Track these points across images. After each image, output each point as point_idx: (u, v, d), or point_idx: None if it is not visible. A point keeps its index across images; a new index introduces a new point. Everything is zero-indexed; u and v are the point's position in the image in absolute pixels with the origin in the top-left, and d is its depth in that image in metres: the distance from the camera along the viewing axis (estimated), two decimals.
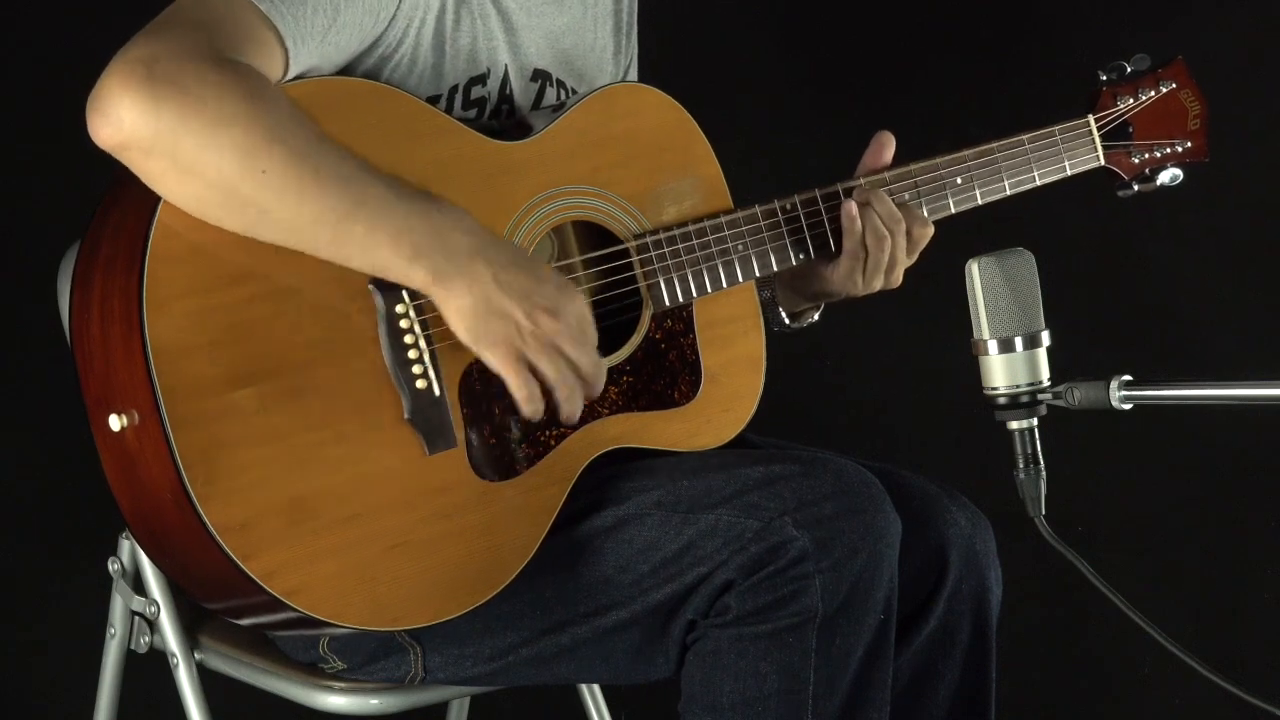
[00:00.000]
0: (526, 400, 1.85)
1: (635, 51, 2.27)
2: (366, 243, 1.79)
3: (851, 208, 2.08)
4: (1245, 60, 3.12)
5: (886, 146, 2.14)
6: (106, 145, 1.74)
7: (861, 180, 2.12)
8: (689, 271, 2.05)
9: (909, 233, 2.10)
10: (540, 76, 2.11)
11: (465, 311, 1.82)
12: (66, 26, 2.75)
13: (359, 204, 1.78)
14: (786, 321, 2.20)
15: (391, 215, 1.79)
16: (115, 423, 1.78)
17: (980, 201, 2.20)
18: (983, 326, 1.80)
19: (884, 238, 2.08)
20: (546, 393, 1.87)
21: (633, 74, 2.27)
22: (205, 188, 1.75)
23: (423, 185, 1.86)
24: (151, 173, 1.75)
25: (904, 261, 2.11)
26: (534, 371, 1.85)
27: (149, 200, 1.77)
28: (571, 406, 1.88)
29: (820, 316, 2.22)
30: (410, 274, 1.80)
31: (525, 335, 1.83)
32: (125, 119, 1.72)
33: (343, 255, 1.79)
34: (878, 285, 2.12)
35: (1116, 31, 3.12)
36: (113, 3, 1.98)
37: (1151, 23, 3.09)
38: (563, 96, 2.13)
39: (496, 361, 1.84)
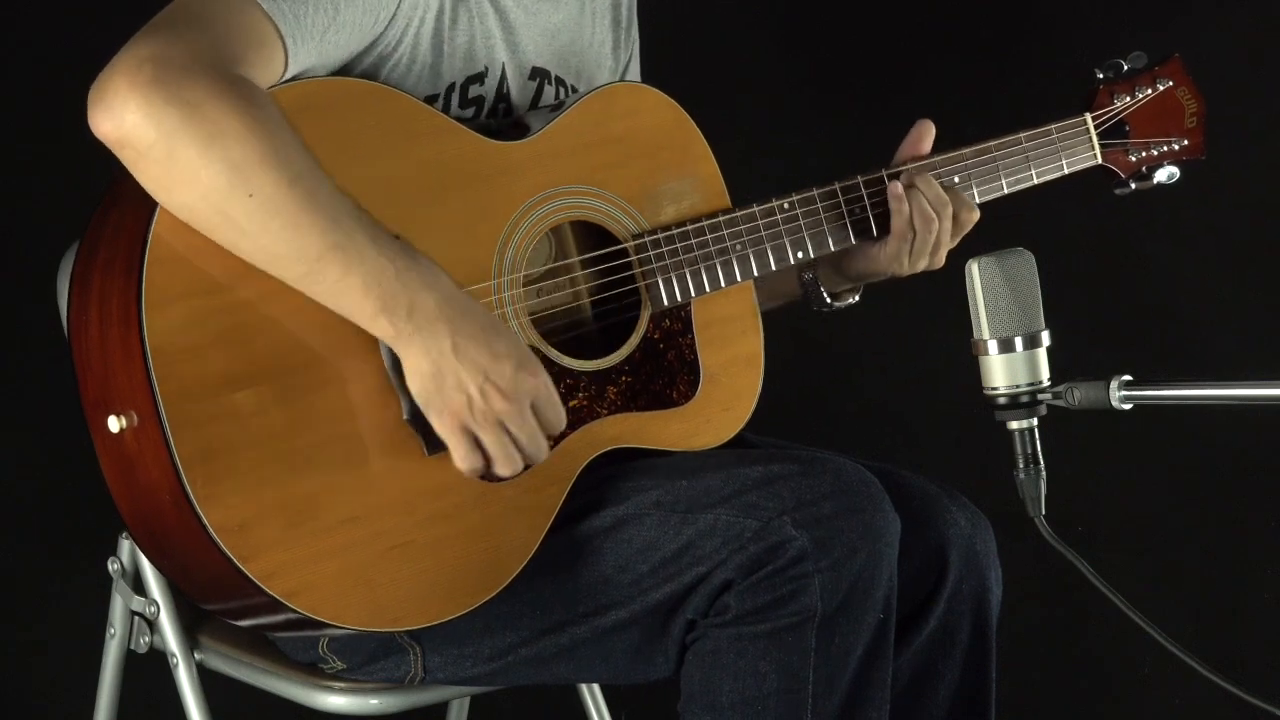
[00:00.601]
0: (463, 461, 1.84)
1: (636, 46, 2.27)
2: (338, 287, 1.78)
3: (897, 188, 2.11)
4: (1245, 60, 3.12)
5: (926, 135, 2.17)
6: (104, 138, 1.74)
7: (906, 165, 2.15)
8: (687, 271, 2.05)
9: (955, 216, 2.13)
10: (538, 75, 2.11)
11: (420, 374, 1.81)
12: (66, 26, 2.75)
13: (337, 247, 1.77)
14: (828, 301, 2.21)
15: (366, 265, 1.78)
16: (114, 424, 1.77)
17: (978, 200, 2.20)
18: (983, 326, 1.80)
19: (931, 220, 2.11)
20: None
21: (634, 68, 2.27)
22: (194, 198, 1.75)
23: (421, 189, 1.86)
24: (144, 173, 1.75)
25: (948, 244, 2.15)
26: (477, 440, 1.85)
27: (148, 201, 1.77)
28: (508, 471, 1.86)
29: (859, 298, 2.24)
30: (374, 325, 1.80)
31: (474, 410, 1.82)
32: (127, 118, 1.72)
33: (313, 292, 1.79)
34: (921, 266, 2.16)
35: (1116, 31, 3.12)
36: (113, 3, 1.98)
37: (1151, 23, 3.09)
38: (561, 94, 2.13)
39: (442, 429, 1.83)
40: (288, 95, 1.83)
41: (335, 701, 2.05)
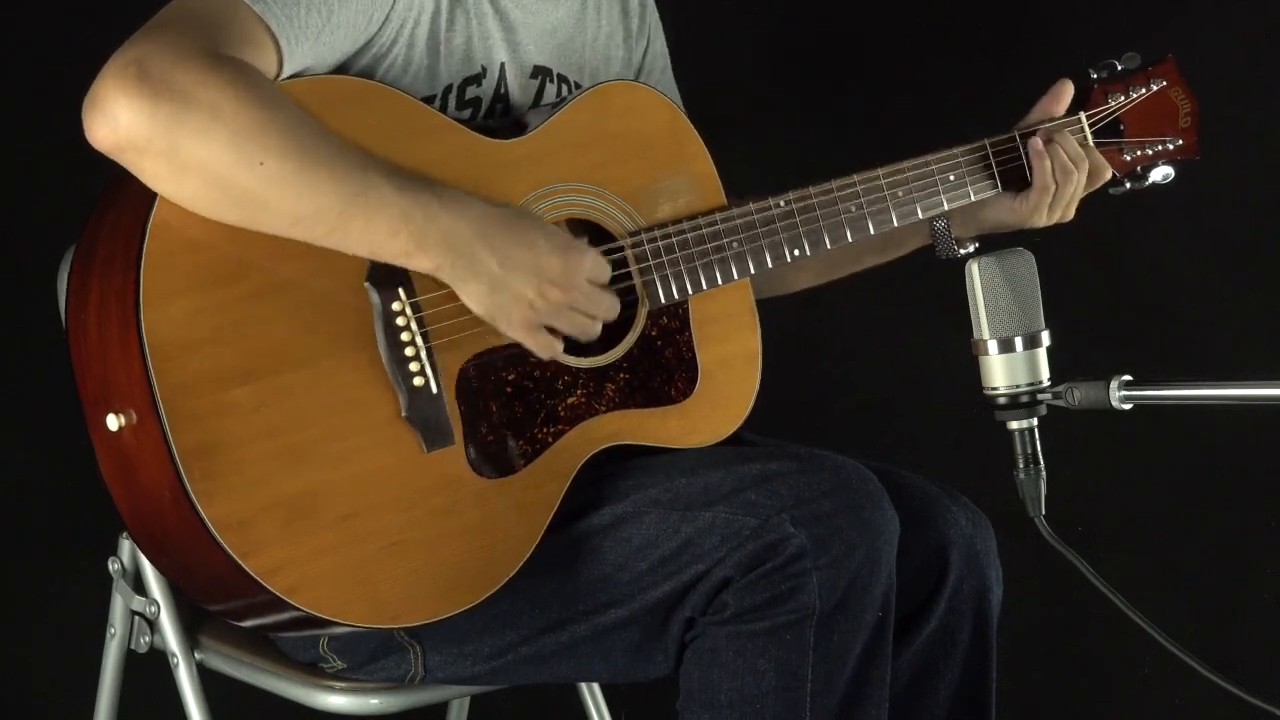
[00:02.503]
0: (543, 352, 1.93)
1: (658, 28, 2.28)
2: (366, 235, 1.80)
3: (1038, 143, 2.19)
4: (1245, 60, 3.12)
5: (1065, 93, 2.24)
6: (103, 147, 1.74)
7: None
8: (684, 269, 2.05)
9: (1092, 172, 2.21)
10: (540, 73, 2.11)
11: (477, 296, 1.87)
12: (66, 26, 2.75)
13: (357, 196, 1.78)
14: (956, 249, 2.24)
15: (390, 209, 1.80)
16: (113, 422, 1.78)
17: (974, 198, 2.20)
18: (983, 326, 1.80)
19: (1071, 172, 2.19)
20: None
21: (654, 56, 2.27)
22: (204, 183, 1.75)
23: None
24: (149, 172, 1.76)
25: (1080, 196, 2.23)
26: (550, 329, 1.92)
27: (145, 200, 1.78)
28: (589, 338, 1.96)
29: (976, 248, 2.28)
30: (413, 263, 1.84)
31: (539, 310, 1.89)
32: (121, 119, 1.72)
33: (345, 246, 1.82)
34: (1056, 218, 2.24)
35: (1116, 31, 3.12)
36: (113, 3, 1.98)
37: (1151, 23, 3.09)
38: (564, 91, 2.13)
39: (514, 334, 1.90)
40: (285, 93, 1.83)
41: (336, 701, 2.05)
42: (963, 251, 2.25)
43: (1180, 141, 2.30)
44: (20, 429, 2.84)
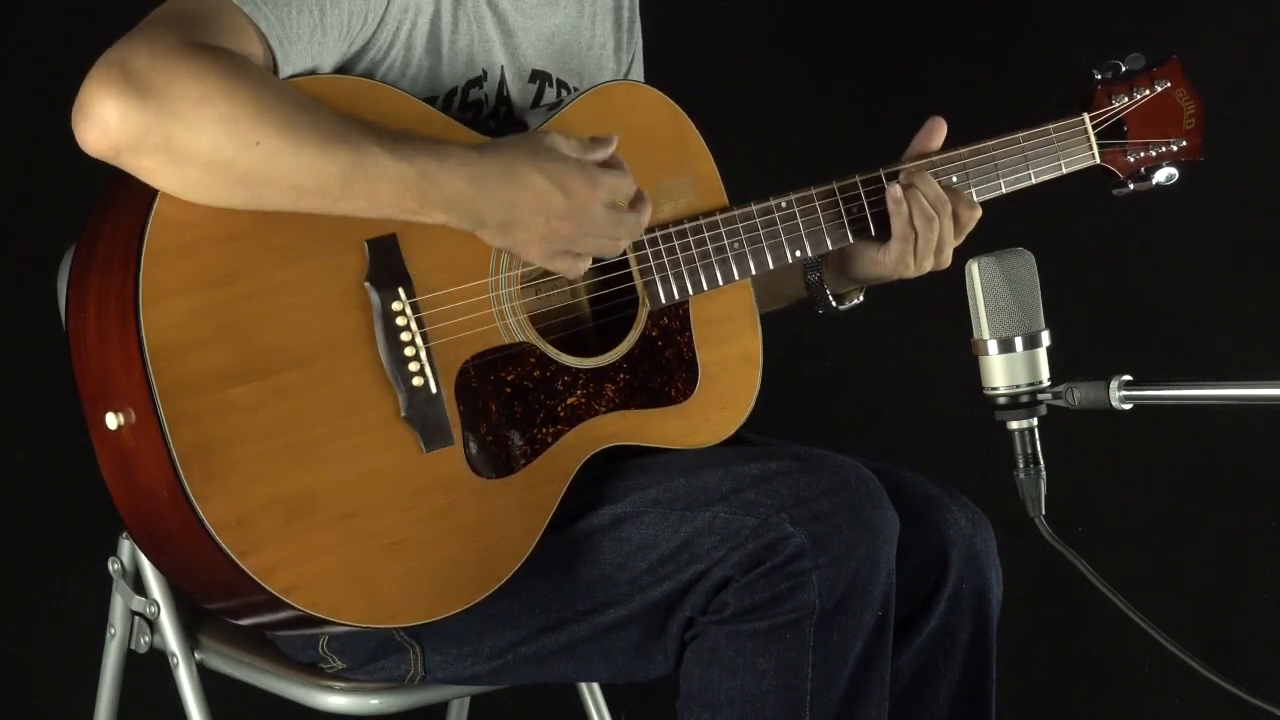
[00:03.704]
0: (570, 272, 1.92)
1: (639, 47, 2.27)
2: (371, 201, 1.80)
3: (896, 191, 2.10)
4: (1245, 60, 3.12)
5: (937, 131, 2.16)
6: (98, 150, 1.73)
7: (904, 166, 2.14)
8: (685, 269, 2.05)
9: (956, 215, 2.12)
10: (539, 78, 2.11)
11: (492, 238, 1.88)
12: (66, 26, 2.75)
13: (356, 165, 1.78)
14: (833, 304, 2.20)
15: (389, 174, 1.80)
16: (112, 421, 1.78)
17: (976, 200, 2.19)
18: (983, 326, 1.80)
19: (932, 219, 2.10)
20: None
21: (637, 69, 2.27)
22: (203, 170, 1.75)
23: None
24: (147, 169, 1.75)
25: (952, 242, 2.14)
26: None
27: (144, 199, 1.77)
28: (614, 253, 1.96)
29: (864, 299, 2.24)
30: (425, 220, 1.84)
31: (555, 242, 1.88)
32: (111, 121, 1.72)
33: (353, 211, 1.81)
34: (928, 267, 2.14)
35: (1116, 31, 3.12)
36: (113, 3, 1.98)
37: (1151, 23, 3.09)
38: (562, 96, 2.13)
39: (538, 262, 1.90)
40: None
41: (335, 701, 2.05)
42: (843, 306, 2.21)
43: (1184, 143, 2.29)
44: (20, 429, 2.84)
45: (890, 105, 3.05)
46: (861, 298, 2.23)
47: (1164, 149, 2.29)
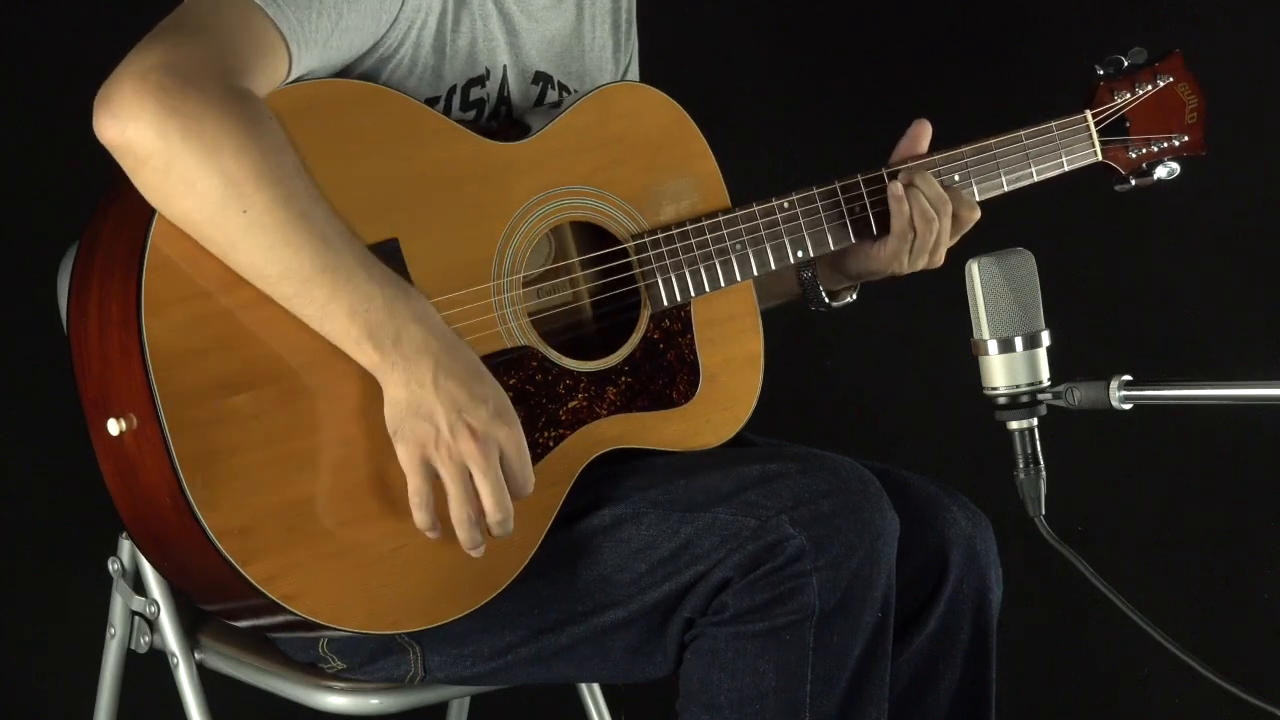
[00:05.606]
0: (418, 507, 1.81)
1: (635, 49, 2.27)
2: (325, 310, 1.78)
3: (898, 188, 2.10)
4: (1245, 59, 3.12)
5: (923, 135, 2.16)
6: (107, 143, 1.75)
7: (906, 164, 2.14)
8: (687, 271, 2.05)
9: (955, 215, 2.13)
10: (541, 79, 2.11)
11: (396, 402, 1.80)
12: (68, 27, 2.75)
13: (327, 269, 1.77)
14: (827, 301, 2.20)
15: (354, 290, 1.78)
16: (114, 427, 1.77)
17: (978, 198, 2.20)
18: (983, 326, 1.80)
19: (931, 219, 2.11)
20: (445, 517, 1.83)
21: (633, 71, 2.27)
22: (189, 209, 1.75)
23: (422, 191, 1.87)
24: (141, 180, 1.76)
25: (947, 243, 2.14)
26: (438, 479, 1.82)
27: (147, 206, 1.77)
28: (465, 534, 1.82)
29: (857, 296, 2.24)
30: (358, 351, 1.79)
31: (440, 444, 1.80)
32: (130, 126, 1.72)
33: (301, 313, 1.79)
34: (921, 265, 2.15)
35: (1116, 31, 3.12)
36: (113, 3, 1.98)
37: (1151, 22, 3.09)
38: (563, 98, 2.13)
39: (404, 460, 1.81)
40: (290, 96, 1.84)
41: (335, 701, 2.05)
42: (834, 305, 2.21)
43: (1186, 138, 2.29)
44: (20, 429, 2.84)
45: (891, 104, 3.05)
46: (855, 295, 2.24)
47: (1166, 144, 2.28)
